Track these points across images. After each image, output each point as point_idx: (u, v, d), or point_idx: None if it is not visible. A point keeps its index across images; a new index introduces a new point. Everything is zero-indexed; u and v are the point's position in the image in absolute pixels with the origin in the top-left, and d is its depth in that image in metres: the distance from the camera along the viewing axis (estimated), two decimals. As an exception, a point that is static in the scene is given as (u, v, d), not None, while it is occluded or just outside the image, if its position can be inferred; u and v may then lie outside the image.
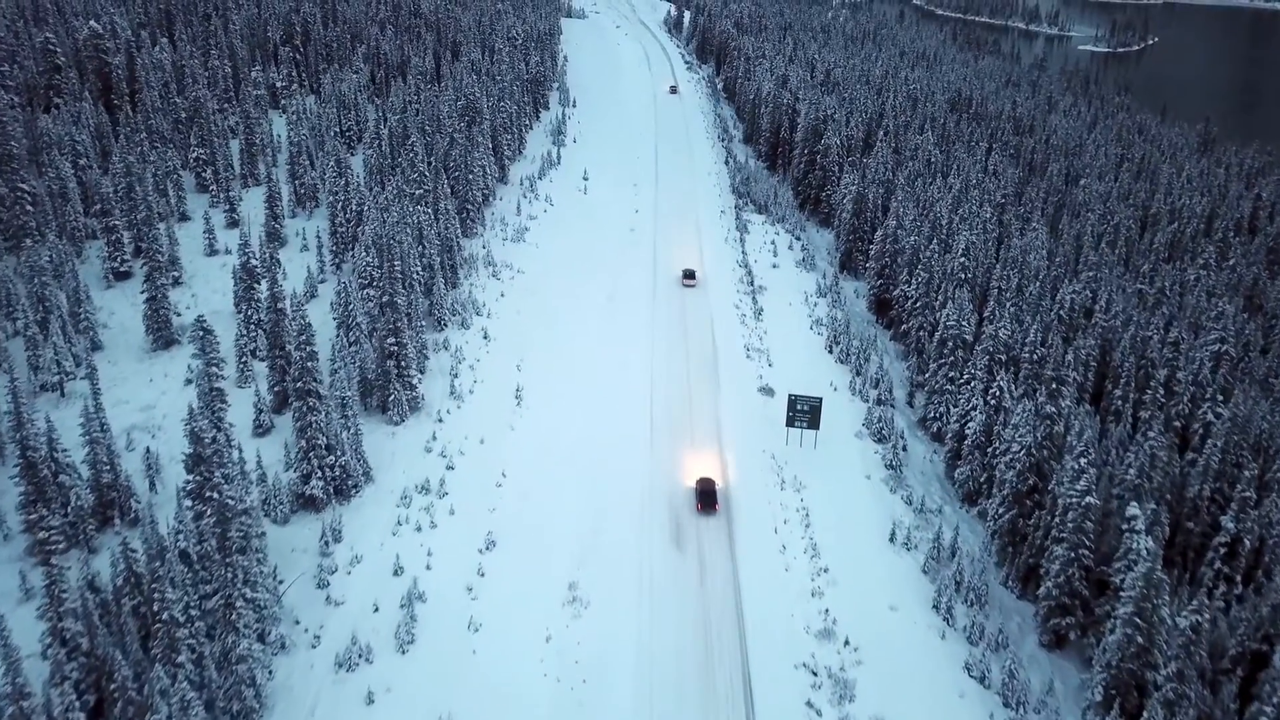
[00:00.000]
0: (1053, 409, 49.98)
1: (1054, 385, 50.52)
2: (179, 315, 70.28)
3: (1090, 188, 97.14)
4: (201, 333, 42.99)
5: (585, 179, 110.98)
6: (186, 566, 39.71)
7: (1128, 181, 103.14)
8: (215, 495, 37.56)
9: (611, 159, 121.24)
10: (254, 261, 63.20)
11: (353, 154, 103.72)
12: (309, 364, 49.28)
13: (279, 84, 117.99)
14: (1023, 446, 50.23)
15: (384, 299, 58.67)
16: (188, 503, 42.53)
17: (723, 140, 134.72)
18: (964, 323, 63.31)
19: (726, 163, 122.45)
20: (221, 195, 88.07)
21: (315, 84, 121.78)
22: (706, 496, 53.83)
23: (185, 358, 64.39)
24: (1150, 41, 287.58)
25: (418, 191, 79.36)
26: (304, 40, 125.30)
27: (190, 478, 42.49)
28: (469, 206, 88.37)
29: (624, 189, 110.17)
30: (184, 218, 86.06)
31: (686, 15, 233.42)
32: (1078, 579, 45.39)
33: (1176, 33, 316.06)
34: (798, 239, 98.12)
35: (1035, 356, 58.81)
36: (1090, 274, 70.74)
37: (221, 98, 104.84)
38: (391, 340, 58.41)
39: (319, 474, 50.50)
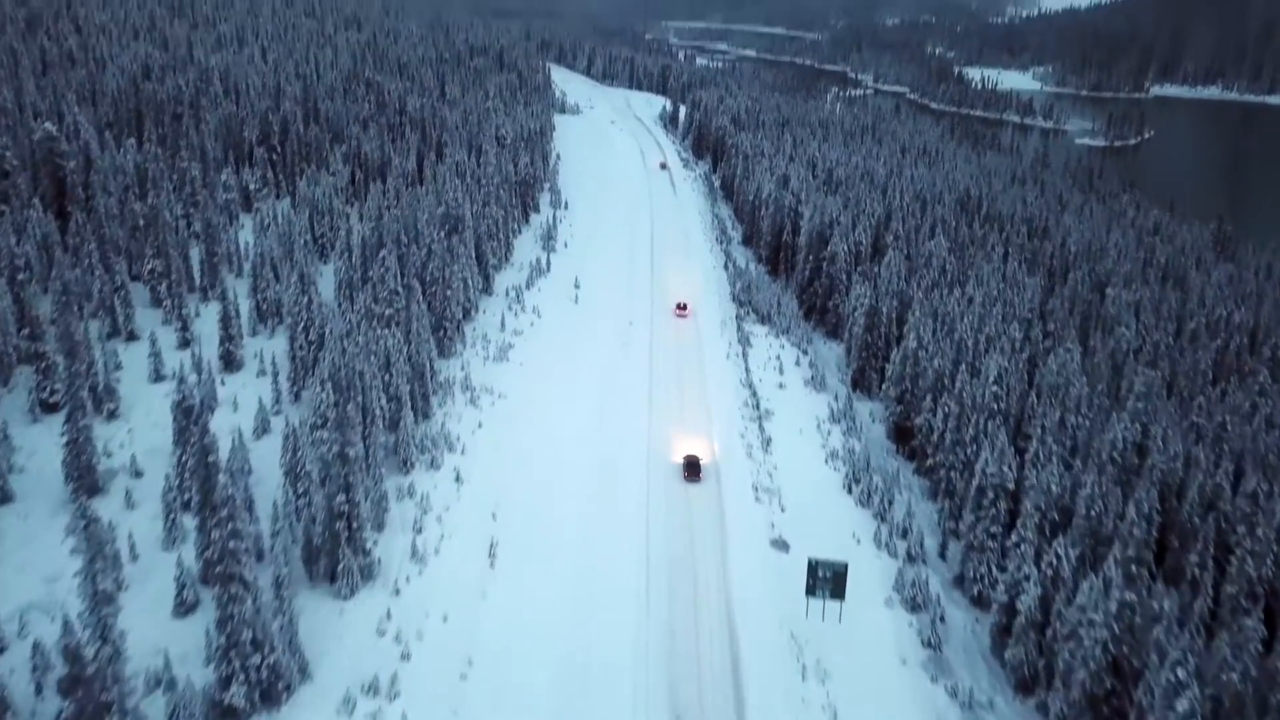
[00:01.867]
0: (1132, 596, 41.42)
1: (1131, 566, 42.01)
2: (109, 455, 62.11)
3: (1119, 299, 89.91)
4: (84, 521, 34.50)
5: (576, 287, 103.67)
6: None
7: (1156, 289, 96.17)
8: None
9: (605, 264, 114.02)
10: (190, 400, 54.97)
11: (325, 263, 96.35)
12: (231, 543, 40.63)
13: (253, 186, 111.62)
14: (1096, 641, 41.60)
15: (336, 449, 50.34)
16: (62, 735, 33.91)
17: (721, 243, 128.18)
18: (1005, 469, 55.18)
19: (726, 268, 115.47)
20: (174, 311, 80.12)
21: (291, 186, 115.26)
22: None
23: (111, 509, 55.75)
24: (1147, 135, 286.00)
25: (387, 311, 71.64)
26: (281, 140, 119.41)
27: (65, 704, 34.28)
28: (446, 324, 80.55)
29: (618, 296, 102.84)
30: (132, 337, 77.93)
31: (682, 110, 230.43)
32: (1179, 817, 36.44)
33: (1170, 126, 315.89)
34: (804, 353, 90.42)
35: (1092, 513, 50.69)
36: (1139, 405, 62.75)
37: (188, 202, 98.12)
38: (342, 498, 49.85)
39: (241, 676, 41.42)
